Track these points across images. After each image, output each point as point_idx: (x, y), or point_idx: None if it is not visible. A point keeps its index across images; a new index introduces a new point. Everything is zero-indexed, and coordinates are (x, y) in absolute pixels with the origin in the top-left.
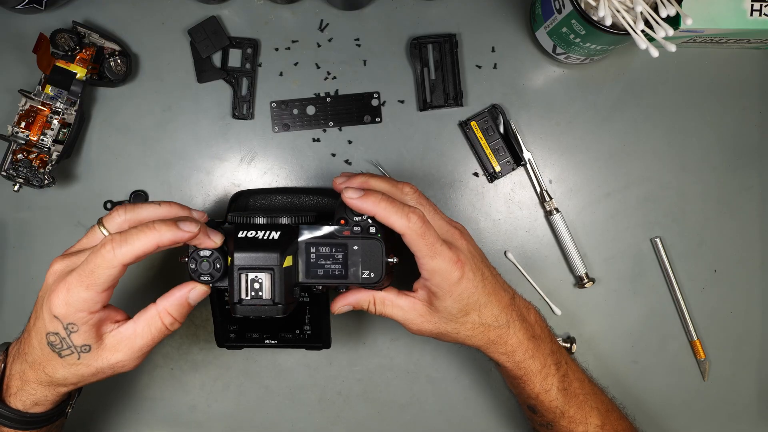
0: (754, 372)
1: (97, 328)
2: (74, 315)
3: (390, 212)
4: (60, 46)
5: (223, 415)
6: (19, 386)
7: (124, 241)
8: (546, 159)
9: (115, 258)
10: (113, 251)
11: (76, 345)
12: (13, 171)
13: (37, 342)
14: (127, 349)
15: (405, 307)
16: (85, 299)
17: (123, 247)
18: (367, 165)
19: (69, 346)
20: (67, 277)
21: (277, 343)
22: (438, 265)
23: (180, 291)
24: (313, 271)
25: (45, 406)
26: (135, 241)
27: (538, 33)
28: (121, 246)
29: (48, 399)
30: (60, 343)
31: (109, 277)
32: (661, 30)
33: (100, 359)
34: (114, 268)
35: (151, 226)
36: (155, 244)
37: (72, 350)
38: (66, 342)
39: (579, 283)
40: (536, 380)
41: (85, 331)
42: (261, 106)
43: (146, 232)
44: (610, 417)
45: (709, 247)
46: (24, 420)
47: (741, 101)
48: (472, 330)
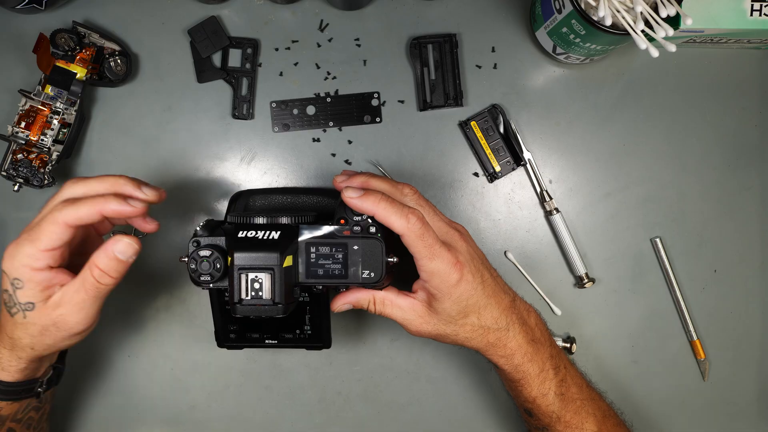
0: (754, 372)
1: (43, 287)
2: (18, 270)
3: (389, 212)
4: (60, 46)
5: (223, 415)
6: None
7: (71, 204)
8: (546, 159)
9: (60, 216)
10: (60, 210)
11: (20, 302)
12: (13, 171)
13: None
14: (67, 304)
15: (404, 307)
16: (28, 254)
17: (69, 208)
18: (367, 165)
19: (15, 303)
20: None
21: (277, 343)
22: (436, 266)
23: (107, 244)
24: (313, 270)
25: (10, 373)
26: (81, 205)
27: (538, 33)
28: (67, 207)
29: (12, 365)
30: (9, 300)
31: (52, 234)
32: (661, 30)
33: (43, 316)
34: (56, 225)
35: (101, 195)
36: (99, 211)
37: (18, 308)
38: (12, 299)
39: (579, 283)
40: (534, 384)
41: (30, 288)
42: (261, 106)
43: (95, 199)
44: (607, 423)
45: (709, 247)
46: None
47: (741, 101)
48: (471, 332)
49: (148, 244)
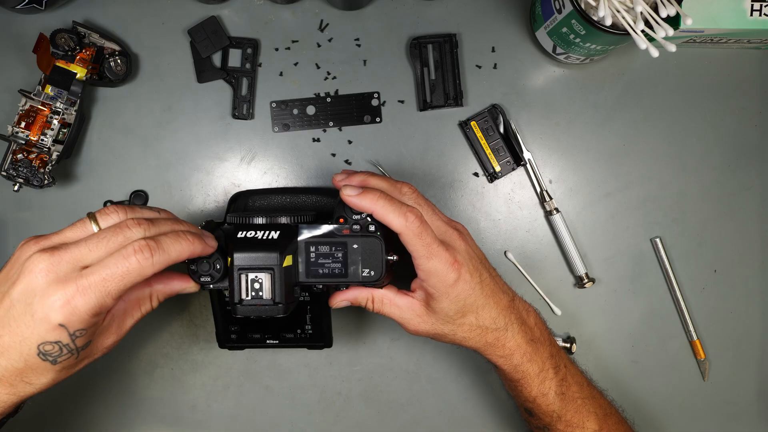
0: (754, 372)
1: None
2: (87, 321)
3: (387, 210)
4: (60, 46)
5: (223, 415)
6: None
7: (162, 249)
8: (546, 159)
9: (152, 265)
10: (152, 258)
11: (78, 347)
12: (13, 171)
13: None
14: (118, 331)
15: (403, 306)
16: (102, 305)
17: (161, 255)
18: (367, 165)
19: (70, 350)
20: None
21: (278, 342)
22: (434, 266)
23: (180, 284)
24: (313, 270)
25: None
26: (171, 250)
27: (538, 33)
28: (159, 254)
29: (6, 405)
30: (59, 350)
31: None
32: (661, 30)
33: (96, 349)
34: (145, 276)
35: (184, 236)
36: (189, 253)
37: (72, 353)
38: (67, 347)
39: (579, 283)
40: (534, 383)
41: (90, 332)
42: (261, 106)
43: (181, 241)
44: (608, 421)
45: (709, 247)
46: None
47: (741, 101)
48: (469, 332)
49: None
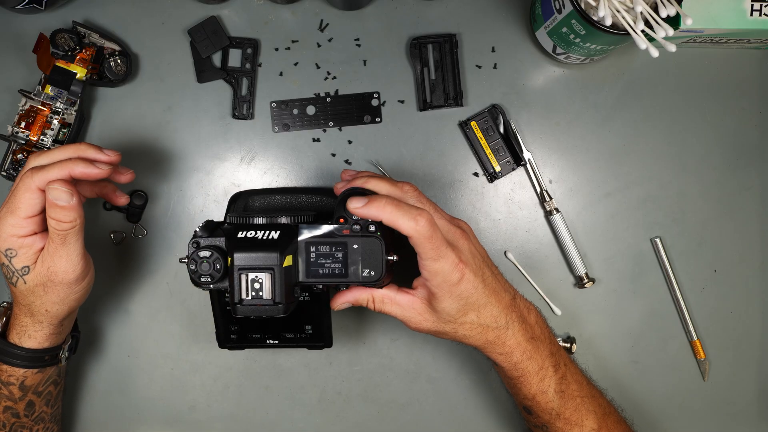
0: (754, 372)
1: (33, 251)
2: (8, 240)
3: (396, 216)
4: (60, 46)
5: (223, 415)
6: (13, 323)
7: (40, 170)
8: (546, 159)
9: (32, 182)
10: (31, 177)
11: (17, 269)
12: (13, 171)
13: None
14: (49, 256)
15: (404, 304)
16: (12, 224)
17: (39, 173)
18: (367, 165)
19: (13, 271)
20: None
21: (278, 342)
22: (440, 267)
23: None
24: (314, 270)
25: (37, 340)
26: (51, 170)
27: (538, 33)
28: (37, 173)
29: (37, 332)
30: (8, 272)
31: (28, 201)
32: (661, 30)
33: (38, 275)
34: (30, 191)
35: (68, 159)
36: (68, 173)
37: (16, 275)
38: (10, 269)
39: (579, 283)
40: (533, 381)
41: (22, 254)
42: (261, 106)
43: (62, 163)
44: (607, 420)
45: (709, 247)
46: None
47: (741, 101)
48: (471, 330)
49: (149, 244)
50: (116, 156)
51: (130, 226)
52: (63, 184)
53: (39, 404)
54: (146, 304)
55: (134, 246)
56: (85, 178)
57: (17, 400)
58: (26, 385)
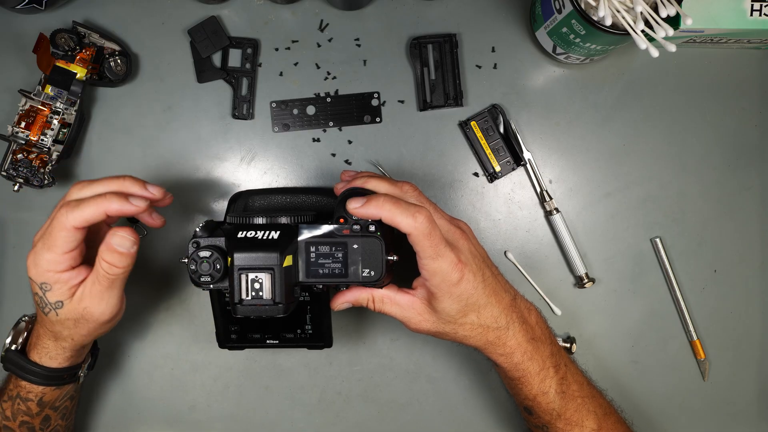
0: (754, 372)
1: (69, 286)
2: (44, 275)
3: (395, 213)
4: (60, 46)
5: (223, 415)
6: (35, 342)
7: (75, 207)
8: (546, 159)
9: (67, 221)
10: (66, 215)
11: (50, 302)
12: (13, 171)
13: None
14: (88, 297)
15: (404, 305)
16: (48, 260)
17: (74, 212)
18: (367, 165)
19: (46, 304)
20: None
21: (278, 342)
22: (439, 266)
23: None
24: (314, 270)
25: (58, 361)
26: (85, 207)
27: (538, 33)
28: (72, 211)
29: (59, 354)
30: (41, 302)
31: (65, 239)
32: (661, 30)
33: (72, 311)
34: (66, 230)
35: (103, 195)
36: (103, 211)
37: (49, 307)
38: (44, 300)
39: (579, 283)
40: (534, 382)
41: (57, 288)
42: (261, 106)
43: (97, 200)
44: (607, 421)
45: (709, 247)
46: (42, 374)
47: (741, 101)
48: (471, 330)
49: (148, 244)
50: (160, 192)
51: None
52: (128, 231)
53: (55, 418)
54: (146, 305)
55: None
56: (119, 215)
57: (34, 416)
58: (44, 401)
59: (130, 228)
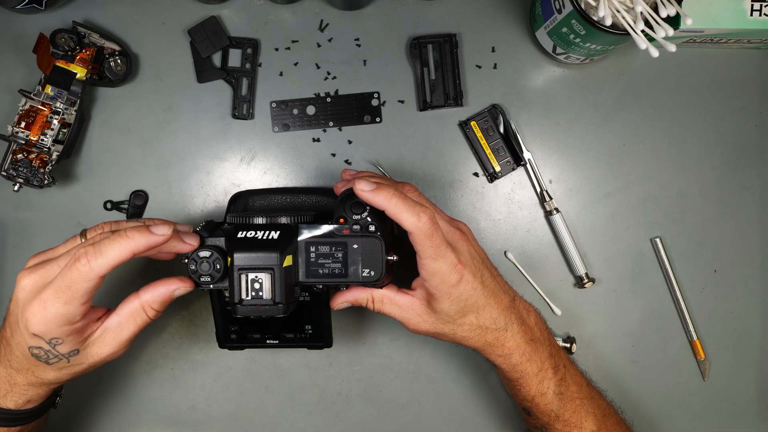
0: (754, 372)
1: (81, 333)
2: (56, 330)
3: (401, 209)
4: (60, 46)
5: (223, 415)
6: (8, 389)
7: (98, 253)
8: (546, 159)
9: (91, 271)
10: (89, 264)
11: (63, 353)
12: (13, 171)
13: (20, 353)
14: (115, 342)
15: (403, 305)
16: (64, 314)
17: (98, 259)
18: (367, 165)
19: (56, 355)
20: (41, 294)
21: (278, 343)
22: (439, 267)
23: (165, 287)
24: (314, 270)
25: (37, 401)
26: (109, 252)
27: (538, 33)
28: (96, 258)
29: (40, 395)
30: (46, 355)
31: (87, 291)
32: (661, 30)
33: (90, 357)
34: (91, 282)
35: (123, 233)
36: (130, 251)
37: (59, 357)
38: (52, 353)
39: (579, 283)
40: (532, 383)
41: (70, 340)
42: (261, 106)
43: (119, 240)
44: (607, 422)
45: (709, 247)
46: (16, 418)
47: (741, 101)
48: (469, 332)
49: None
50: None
51: None
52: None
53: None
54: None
55: None
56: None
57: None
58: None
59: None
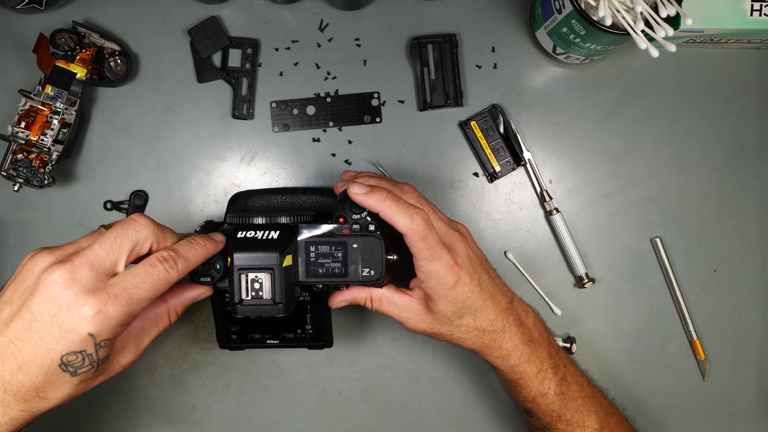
0: (754, 372)
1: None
2: (112, 330)
3: (394, 211)
4: (60, 46)
5: (223, 415)
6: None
7: (182, 257)
8: (546, 159)
9: (177, 273)
10: (176, 266)
11: (100, 359)
12: (13, 171)
13: (37, 368)
14: (136, 349)
15: (401, 305)
16: (130, 314)
17: (183, 263)
18: (367, 165)
19: (92, 362)
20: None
21: (278, 342)
22: (435, 268)
23: (193, 291)
24: (313, 269)
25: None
26: (191, 257)
27: (538, 33)
28: (181, 261)
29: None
30: (81, 361)
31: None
32: (661, 30)
33: (112, 365)
34: (170, 284)
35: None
36: (205, 255)
37: (93, 365)
38: (90, 358)
39: (579, 283)
40: (532, 384)
41: (111, 343)
42: (261, 106)
43: (196, 247)
44: (609, 420)
45: (709, 247)
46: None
47: (741, 101)
48: (466, 333)
49: None
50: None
51: None
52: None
53: None
54: None
55: None
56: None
57: None
58: None
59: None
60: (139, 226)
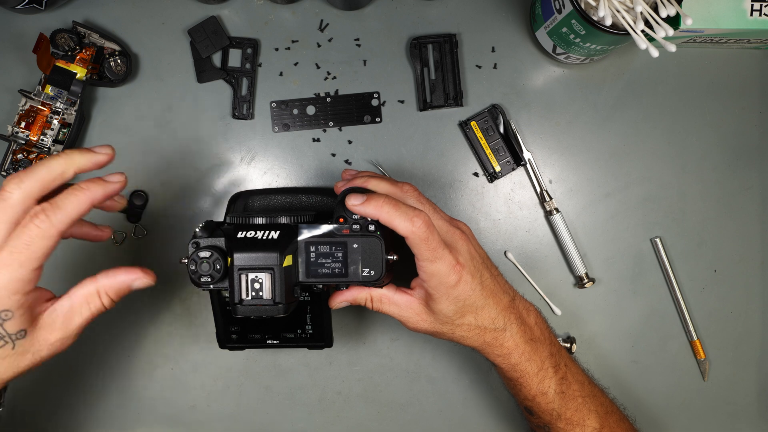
0: (754, 372)
1: (31, 310)
2: (8, 299)
3: (393, 216)
4: (60, 46)
5: (223, 415)
6: None
7: (57, 207)
8: (546, 159)
9: (52, 227)
10: (48, 219)
11: (10, 333)
12: (13, 171)
13: None
14: (65, 328)
15: (402, 305)
16: (19, 279)
17: (57, 214)
18: (367, 165)
19: (2, 336)
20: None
21: (279, 343)
22: (437, 268)
23: (126, 275)
24: (314, 270)
25: None
26: (67, 205)
27: (538, 33)
28: (55, 212)
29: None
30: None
31: (46, 249)
32: (661, 30)
33: (37, 342)
34: (51, 239)
35: (78, 186)
36: (89, 202)
37: (6, 339)
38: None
39: (579, 283)
40: (533, 383)
41: (19, 315)
42: (261, 106)
43: (76, 192)
44: (609, 419)
45: (709, 247)
46: None
47: (741, 101)
48: (468, 331)
49: (149, 244)
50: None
51: (130, 227)
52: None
53: None
54: (146, 304)
55: (134, 246)
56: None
57: None
58: None
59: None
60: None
